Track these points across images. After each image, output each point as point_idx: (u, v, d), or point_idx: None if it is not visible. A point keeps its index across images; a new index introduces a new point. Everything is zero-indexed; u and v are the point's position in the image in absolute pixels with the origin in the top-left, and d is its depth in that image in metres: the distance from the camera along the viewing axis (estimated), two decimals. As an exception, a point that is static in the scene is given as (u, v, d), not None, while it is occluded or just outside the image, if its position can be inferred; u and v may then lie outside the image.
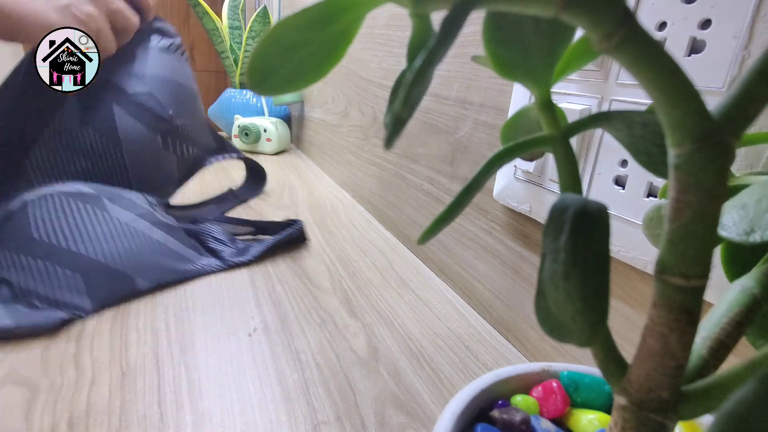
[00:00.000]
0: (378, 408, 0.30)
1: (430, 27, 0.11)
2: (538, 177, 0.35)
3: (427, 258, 0.53)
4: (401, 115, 0.09)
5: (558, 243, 0.11)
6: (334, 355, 0.35)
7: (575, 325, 0.11)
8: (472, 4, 0.08)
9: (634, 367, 0.12)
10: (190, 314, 0.39)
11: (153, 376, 0.31)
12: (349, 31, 0.11)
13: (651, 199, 0.27)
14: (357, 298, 0.44)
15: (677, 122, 0.10)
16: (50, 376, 0.31)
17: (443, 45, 0.08)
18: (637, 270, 0.28)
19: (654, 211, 0.17)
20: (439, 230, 0.12)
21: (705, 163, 0.10)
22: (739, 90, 0.09)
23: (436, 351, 0.37)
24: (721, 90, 0.23)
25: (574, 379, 0.20)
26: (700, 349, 0.13)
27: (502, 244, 0.40)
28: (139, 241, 0.43)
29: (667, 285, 0.11)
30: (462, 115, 0.45)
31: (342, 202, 0.72)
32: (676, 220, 0.10)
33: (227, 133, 1.11)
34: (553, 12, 0.09)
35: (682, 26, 0.24)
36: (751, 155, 0.22)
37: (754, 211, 0.11)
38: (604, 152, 0.29)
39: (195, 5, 0.99)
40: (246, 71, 0.11)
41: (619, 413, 0.12)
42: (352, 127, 0.76)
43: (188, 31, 2.16)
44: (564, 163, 0.13)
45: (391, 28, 0.61)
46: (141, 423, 0.28)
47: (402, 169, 0.59)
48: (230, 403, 0.30)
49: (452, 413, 0.18)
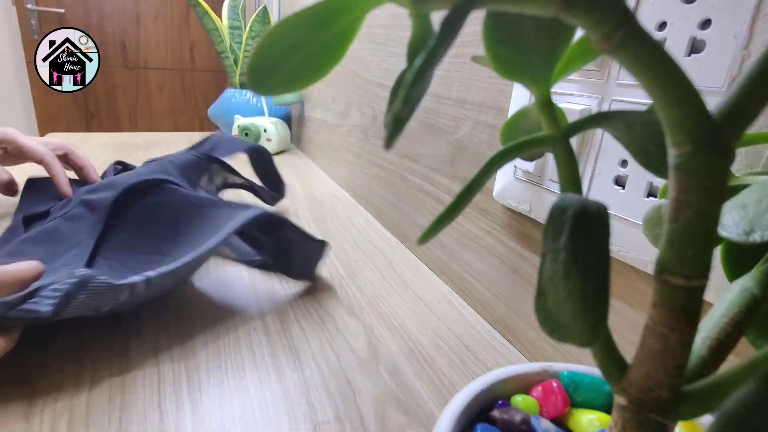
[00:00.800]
0: (378, 408, 0.30)
1: (430, 27, 0.11)
2: (538, 177, 0.35)
3: (427, 258, 0.53)
4: (401, 115, 0.09)
5: (558, 243, 0.11)
6: (334, 355, 0.35)
7: (575, 325, 0.11)
8: (472, 4, 0.08)
9: (634, 367, 0.12)
10: (190, 314, 0.39)
11: (153, 376, 0.31)
12: (349, 31, 0.11)
13: (651, 199, 0.27)
14: (357, 298, 0.44)
15: (677, 122, 0.10)
16: (50, 376, 0.31)
17: (443, 45, 0.08)
18: (637, 270, 0.28)
19: (654, 211, 0.17)
20: (439, 230, 0.12)
21: (705, 163, 0.10)
22: (739, 90, 0.09)
23: (436, 351, 0.37)
24: (721, 90, 0.23)
25: (574, 379, 0.20)
26: (700, 349, 0.13)
27: (502, 244, 0.40)
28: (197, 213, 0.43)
29: (667, 285, 0.11)
30: (462, 115, 0.45)
31: (342, 202, 0.72)
32: (676, 220, 0.10)
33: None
34: (553, 12, 0.09)
35: (682, 26, 0.24)
36: (751, 155, 0.22)
37: (754, 211, 0.11)
38: (604, 152, 0.29)
39: (195, 5, 0.99)
40: (246, 71, 0.11)
41: (619, 413, 0.12)
42: (352, 127, 0.76)
43: (188, 31, 2.16)
44: (564, 163, 0.13)
45: (391, 28, 0.61)
46: (141, 423, 0.28)
47: (402, 169, 0.59)
48: (230, 403, 0.30)
49: (452, 413, 0.18)
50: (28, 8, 1.84)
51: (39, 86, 1.95)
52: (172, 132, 1.20)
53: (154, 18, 2.07)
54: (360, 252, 0.54)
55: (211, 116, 1.12)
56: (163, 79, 2.14)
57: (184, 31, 2.14)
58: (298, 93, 1.03)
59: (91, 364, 0.32)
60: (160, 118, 2.18)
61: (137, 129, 2.15)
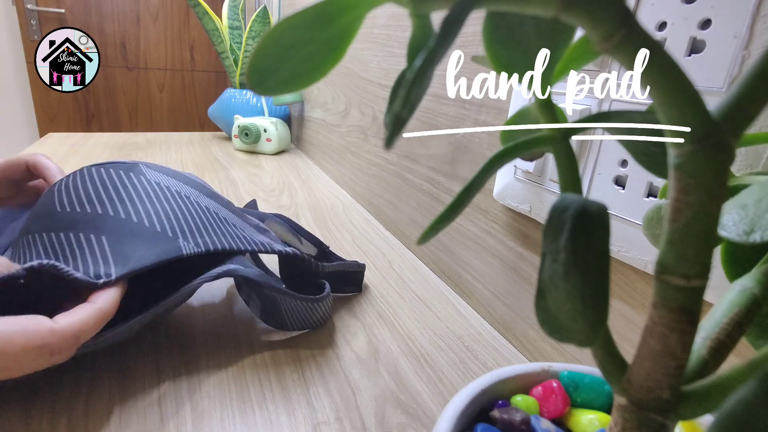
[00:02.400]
0: (378, 408, 0.30)
1: (430, 27, 0.11)
2: (538, 177, 0.35)
3: (427, 258, 0.53)
4: (401, 115, 0.09)
5: (558, 243, 0.11)
6: (334, 355, 0.35)
7: (575, 325, 0.11)
8: (472, 4, 0.08)
9: (634, 367, 0.12)
10: (190, 313, 0.39)
11: (153, 376, 0.31)
12: (349, 31, 0.11)
13: (651, 199, 0.27)
14: (357, 298, 0.44)
15: (677, 122, 0.10)
16: (49, 376, 0.31)
17: (443, 45, 0.08)
18: (637, 270, 0.28)
19: (654, 211, 0.17)
20: (439, 230, 0.12)
21: (705, 163, 0.10)
22: (739, 90, 0.09)
23: (436, 351, 0.37)
24: (721, 90, 0.23)
25: (574, 379, 0.20)
26: (700, 349, 0.13)
27: (502, 244, 0.40)
28: (184, 205, 0.36)
29: (667, 285, 0.11)
30: (462, 115, 0.45)
31: (342, 202, 0.72)
32: (676, 220, 0.10)
33: (227, 133, 1.11)
34: (553, 12, 0.09)
35: (682, 26, 0.24)
36: (751, 155, 0.22)
37: (754, 211, 0.11)
38: (604, 152, 0.29)
39: (195, 5, 0.99)
40: (246, 71, 0.11)
41: (619, 413, 0.12)
42: (352, 127, 0.76)
43: (188, 31, 2.16)
44: (564, 163, 0.13)
45: (391, 28, 0.61)
46: (141, 423, 0.28)
47: (402, 169, 0.59)
48: (230, 402, 0.30)
49: (452, 413, 0.18)
50: (28, 8, 1.84)
51: (39, 86, 1.95)
52: (172, 132, 1.20)
53: (154, 18, 2.07)
54: (360, 252, 0.54)
55: (211, 116, 1.12)
56: (163, 79, 2.14)
57: (184, 31, 2.14)
58: (298, 93, 1.03)
59: (91, 363, 0.32)
60: (160, 118, 2.18)
61: (137, 129, 2.15)
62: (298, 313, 0.37)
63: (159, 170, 0.38)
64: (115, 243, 0.31)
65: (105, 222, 0.32)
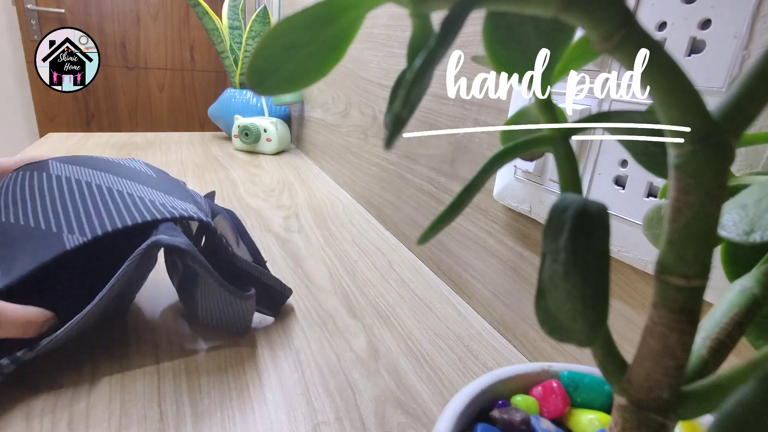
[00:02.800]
0: (378, 408, 0.30)
1: (430, 27, 0.11)
2: (538, 177, 0.35)
3: (427, 258, 0.53)
4: (401, 115, 0.09)
5: (558, 243, 0.11)
6: (334, 355, 0.35)
7: (575, 325, 0.11)
8: (472, 4, 0.08)
9: (634, 367, 0.12)
10: (189, 313, 0.39)
11: (153, 376, 0.31)
12: (349, 31, 0.11)
13: (651, 199, 0.27)
14: (357, 298, 0.44)
15: (677, 122, 0.10)
16: (50, 376, 0.31)
17: (443, 45, 0.08)
18: (637, 270, 0.28)
19: (654, 211, 0.17)
20: (439, 230, 0.12)
21: (705, 163, 0.10)
22: (739, 90, 0.09)
23: (436, 351, 0.37)
24: (721, 90, 0.23)
25: (574, 379, 0.20)
26: (700, 349, 0.13)
27: (502, 244, 0.40)
28: (83, 194, 0.32)
29: (667, 285, 0.11)
30: (462, 115, 0.45)
31: (342, 202, 0.72)
32: (676, 220, 0.10)
33: (227, 133, 1.11)
34: (553, 12, 0.09)
35: (682, 26, 0.24)
36: (751, 155, 0.22)
37: (754, 211, 0.11)
38: (604, 152, 0.29)
39: (195, 5, 0.99)
40: (246, 71, 0.11)
41: (619, 413, 0.12)
42: (352, 127, 0.76)
43: (188, 31, 2.16)
44: (564, 163, 0.13)
45: (391, 28, 0.61)
46: (141, 423, 0.28)
47: (402, 169, 0.59)
48: (230, 402, 0.30)
49: (452, 413, 0.18)
50: (28, 8, 1.84)
51: (39, 86, 1.95)
52: (172, 132, 1.20)
53: (154, 18, 2.07)
54: (360, 252, 0.54)
55: (211, 116, 1.12)
56: (163, 79, 2.14)
57: (184, 31, 2.14)
58: (298, 93, 1.03)
59: (91, 364, 0.32)
60: (160, 118, 2.18)
61: (137, 129, 2.15)
62: (214, 302, 0.33)
63: (76, 163, 0.35)
64: (6, 250, 0.29)
65: (2, 229, 0.31)
